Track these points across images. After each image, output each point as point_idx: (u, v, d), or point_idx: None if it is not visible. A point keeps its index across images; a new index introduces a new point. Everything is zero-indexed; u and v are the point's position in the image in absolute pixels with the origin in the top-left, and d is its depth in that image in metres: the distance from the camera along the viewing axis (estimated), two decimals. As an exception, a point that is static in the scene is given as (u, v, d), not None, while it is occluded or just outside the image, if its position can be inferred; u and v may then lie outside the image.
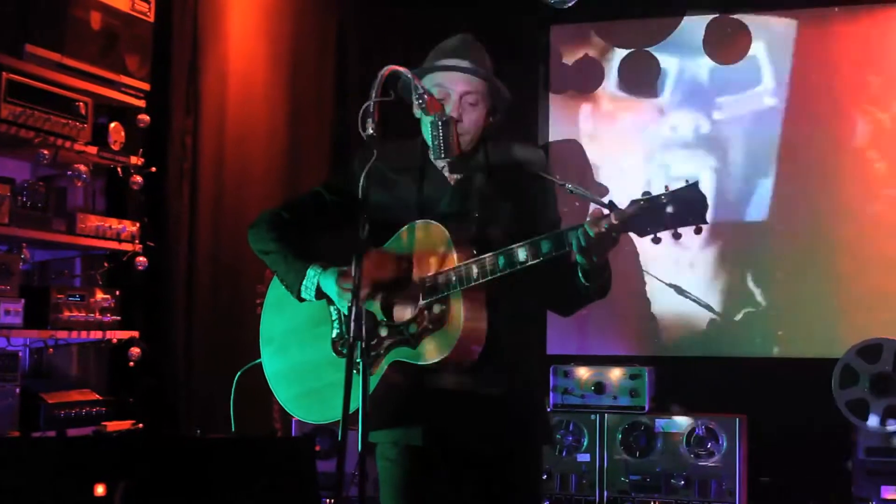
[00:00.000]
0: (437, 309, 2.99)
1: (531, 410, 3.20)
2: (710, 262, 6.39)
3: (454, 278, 2.95)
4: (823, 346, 6.07)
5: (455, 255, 2.98)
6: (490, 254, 2.93)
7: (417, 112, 3.18)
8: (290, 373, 3.26)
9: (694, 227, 2.73)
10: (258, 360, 3.35)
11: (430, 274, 3.01)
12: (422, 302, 3.01)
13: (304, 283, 3.12)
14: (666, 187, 2.75)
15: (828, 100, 6.31)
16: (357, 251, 2.77)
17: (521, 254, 2.88)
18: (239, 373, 3.51)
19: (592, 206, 2.90)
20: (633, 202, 2.77)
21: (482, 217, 3.12)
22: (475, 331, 2.98)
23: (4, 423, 4.32)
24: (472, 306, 2.98)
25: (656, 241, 2.77)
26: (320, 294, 3.11)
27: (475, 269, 2.93)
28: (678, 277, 6.29)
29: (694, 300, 6.19)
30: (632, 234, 2.80)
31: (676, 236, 2.76)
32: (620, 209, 2.78)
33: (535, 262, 2.88)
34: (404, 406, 3.07)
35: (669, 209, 2.72)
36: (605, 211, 2.82)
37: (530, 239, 2.88)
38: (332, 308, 3.17)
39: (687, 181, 2.74)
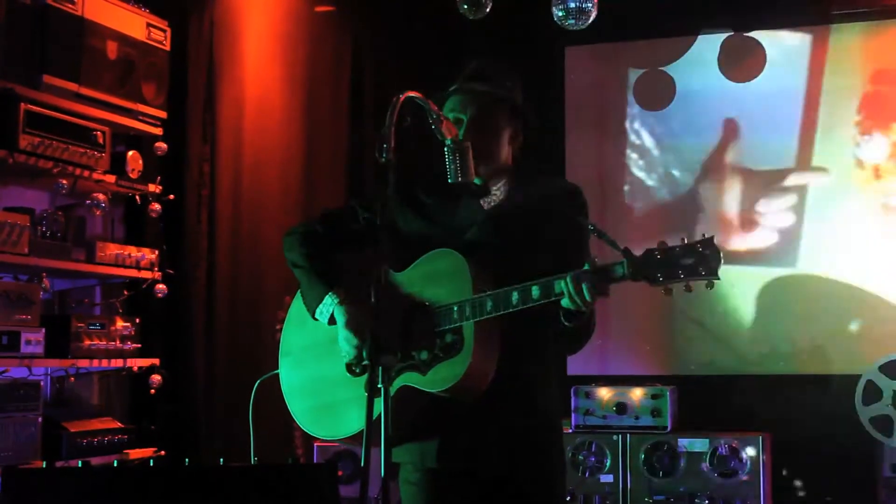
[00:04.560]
0: (449, 338, 3.00)
1: (548, 440, 3.19)
2: (730, 279, 6.36)
3: (468, 310, 2.96)
4: (846, 362, 6.03)
5: (472, 287, 2.98)
6: (505, 289, 2.92)
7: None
8: (304, 386, 3.28)
9: (706, 280, 2.73)
10: (276, 372, 3.37)
11: (446, 303, 3.01)
12: (435, 330, 3.02)
13: (320, 306, 3.16)
14: (682, 239, 2.76)
15: (845, 114, 6.29)
16: (377, 283, 2.76)
17: (535, 292, 2.88)
18: (258, 382, 3.51)
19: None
20: (648, 252, 2.78)
21: (508, 249, 3.11)
22: (485, 362, 2.98)
23: (27, 453, 4.33)
24: (485, 339, 2.97)
25: (668, 292, 2.78)
26: (333, 320, 3.13)
27: (490, 303, 2.94)
28: (695, 294, 6.27)
29: (710, 329, 6.21)
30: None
31: (688, 289, 2.77)
32: (635, 257, 2.78)
33: (546, 301, 2.88)
34: (414, 427, 3.07)
35: (683, 262, 2.73)
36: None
37: (545, 278, 2.88)
38: None
39: (704, 235, 2.75)
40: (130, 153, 4.96)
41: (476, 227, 3.15)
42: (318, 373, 3.25)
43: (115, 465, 2.80)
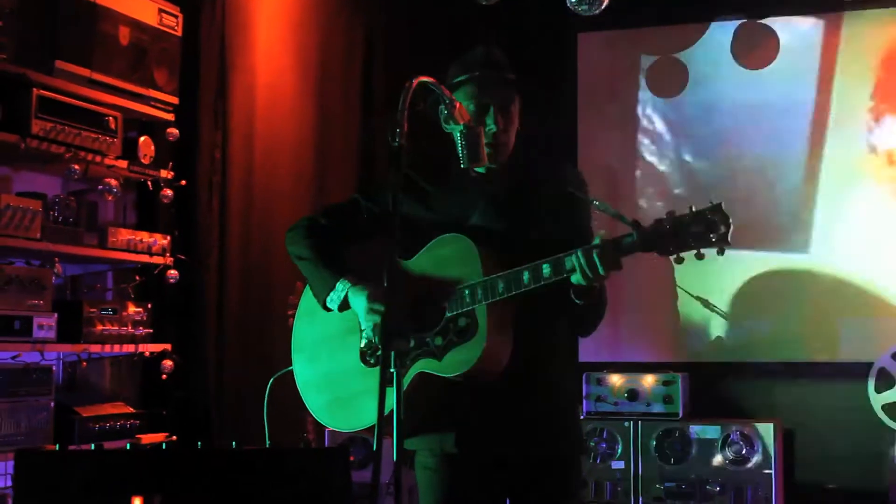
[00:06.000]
0: (462, 322, 3.00)
1: (563, 421, 3.20)
2: (742, 265, 6.34)
3: (480, 292, 2.96)
4: (859, 349, 6.01)
5: (482, 269, 2.98)
6: (516, 269, 2.93)
7: (446, 126, 3.19)
8: (319, 381, 3.28)
9: (717, 247, 2.74)
10: (290, 368, 3.37)
11: (456, 287, 3.01)
12: (447, 314, 3.02)
13: (331, 294, 3.16)
14: (690, 207, 2.77)
15: (858, 100, 6.27)
16: (389, 264, 2.76)
17: (546, 269, 2.89)
18: (272, 379, 3.52)
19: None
20: (658, 221, 2.79)
21: (513, 231, 3.12)
22: (500, 345, 2.98)
23: (39, 438, 4.34)
24: (498, 320, 2.98)
25: (679, 260, 2.78)
26: (345, 306, 3.13)
27: (501, 284, 2.94)
28: (707, 280, 6.27)
29: (722, 315, 6.19)
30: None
31: (699, 256, 2.77)
32: (644, 228, 2.79)
33: (558, 278, 2.88)
34: (431, 415, 3.08)
35: (693, 229, 2.74)
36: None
37: (555, 255, 2.88)
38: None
39: (711, 202, 2.75)
40: (142, 139, 4.96)
41: (480, 211, 3.15)
42: (331, 366, 3.25)
43: (128, 448, 2.81)
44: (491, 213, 3.15)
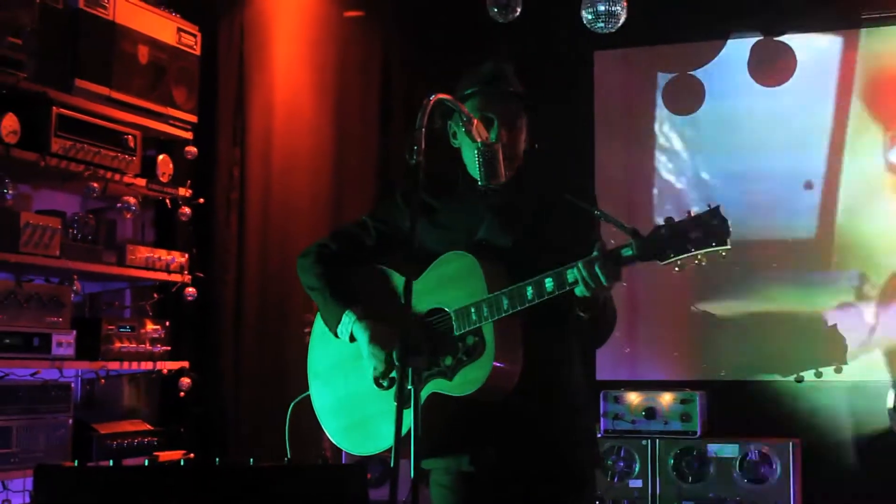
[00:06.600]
0: (470, 340, 3.00)
1: (576, 436, 3.18)
2: (760, 282, 6.32)
3: (486, 310, 2.96)
4: (877, 368, 5.98)
5: (486, 286, 2.98)
6: (519, 284, 2.92)
7: (455, 141, 3.19)
8: (335, 406, 3.28)
9: (716, 251, 2.72)
10: (308, 393, 3.37)
11: (462, 306, 3.01)
12: (455, 334, 3.02)
13: (339, 326, 3.17)
14: (688, 212, 2.75)
15: (876, 119, 6.25)
16: (405, 283, 2.75)
17: (549, 284, 2.87)
18: (292, 404, 3.52)
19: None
20: (656, 228, 2.77)
21: (519, 244, 3.11)
22: (509, 361, 2.97)
23: (57, 454, 4.36)
24: (506, 336, 2.97)
25: (680, 268, 2.77)
26: (353, 338, 3.14)
27: (505, 300, 2.93)
28: (726, 298, 6.25)
29: (740, 333, 6.17)
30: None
31: (699, 262, 2.76)
32: (642, 236, 2.78)
33: (562, 291, 2.87)
34: (446, 436, 3.07)
35: (692, 234, 2.72)
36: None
37: (557, 269, 2.88)
38: None
39: (709, 205, 2.73)
40: (161, 157, 4.99)
41: (487, 224, 3.15)
42: (346, 390, 3.26)
43: (146, 464, 2.81)
44: (497, 227, 3.14)
